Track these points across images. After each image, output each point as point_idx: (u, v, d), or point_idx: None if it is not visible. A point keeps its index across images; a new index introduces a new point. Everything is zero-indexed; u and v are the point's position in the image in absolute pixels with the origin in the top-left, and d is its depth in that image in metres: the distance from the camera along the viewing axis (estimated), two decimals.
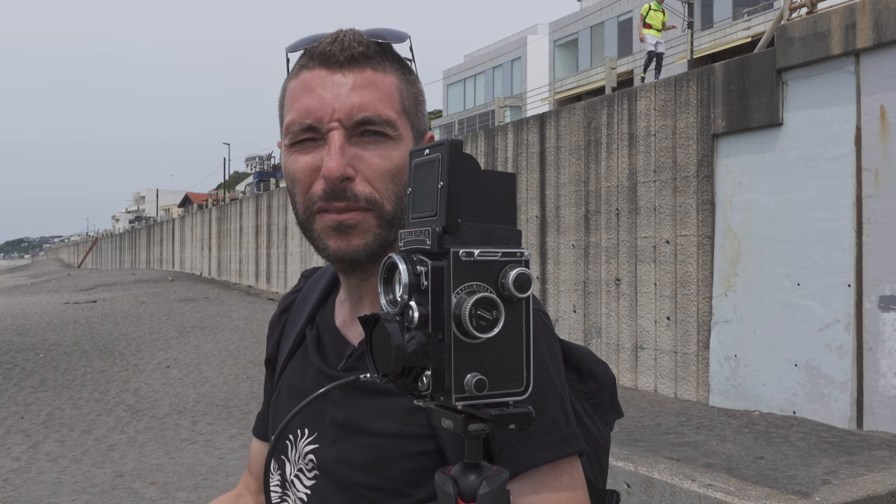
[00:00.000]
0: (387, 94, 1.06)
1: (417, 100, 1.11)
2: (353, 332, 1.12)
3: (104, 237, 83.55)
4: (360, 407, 1.04)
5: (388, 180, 1.05)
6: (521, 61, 37.39)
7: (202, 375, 12.68)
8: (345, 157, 1.03)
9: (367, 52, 1.06)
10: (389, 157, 1.05)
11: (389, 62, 1.08)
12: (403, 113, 1.07)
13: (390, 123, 1.05)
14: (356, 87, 1.04)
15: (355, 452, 1.02)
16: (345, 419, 1.05)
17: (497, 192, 0.80)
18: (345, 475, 1.03)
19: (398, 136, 1.06)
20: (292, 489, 1.11)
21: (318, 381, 1.11)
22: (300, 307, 1.27)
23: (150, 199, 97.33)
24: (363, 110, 1.03)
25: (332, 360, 1.13)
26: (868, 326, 8.53)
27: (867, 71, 8.64)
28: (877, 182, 8.55)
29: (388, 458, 0.99)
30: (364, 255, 1.05)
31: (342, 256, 1.06)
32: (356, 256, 1.05)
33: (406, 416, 0.99)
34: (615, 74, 15.15)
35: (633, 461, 5.36)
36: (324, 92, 1.05)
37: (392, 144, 1.05)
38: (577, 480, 0.98)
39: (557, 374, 1.00)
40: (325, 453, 1.06)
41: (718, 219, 10.27)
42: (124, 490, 7.21)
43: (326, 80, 1.05)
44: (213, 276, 38.04)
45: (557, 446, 0.95)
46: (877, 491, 5.22)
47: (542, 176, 13.73)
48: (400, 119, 1.06)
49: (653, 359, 11.20)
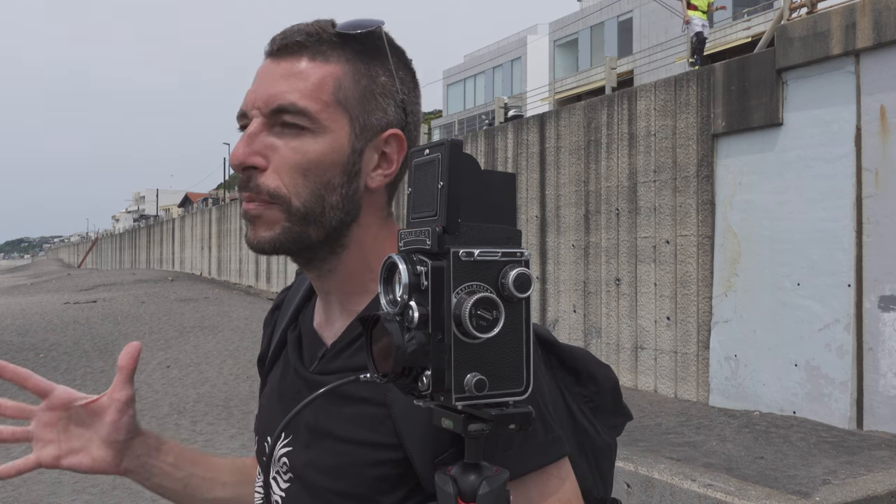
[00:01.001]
0: (314, 85, 1.02)
1: (369, 93, 1.04)
2: (329, 332, 1.10)
3: (104, 237, 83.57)
4: (330, 412, 1.02)
5: (299, 174, 1.01)
6: (521, 61, 37.39)
7: (202, 375, 12.69)
8: (254, 146, 1.01)
9: (305, 41, 1.03)
10: (303, 150, 1.01)
11: (336, 52, 1.04)
12: (337, 105, 1.02)
13: (307, 115, 1.01)
14: (281, 76, 1.02)
15: (325, 457, 1.01)
16: (315, 423, 1.03)
17: (497, 192, 0.80)
18: (315, 480, 1.02)
19: (318, 129, 1.01)
20: (271, 491, 1.10)
21: (295, 383, 1.10)
22: (287, 306, 1.26)
23: (150, 199, 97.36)
24: (278, 99, 1.01)
25: (307, 360, 1.11)
26: (868, 326, 8.53)
27: (867, 71, 8.64)
28: (877, 182, 8.55)
29: (356, 464, 0.98)
30: (270, 247, 1.03)
31: (251, 246, 1.05)
32: (261, 248, 1.03)
33: (373, 423, 0.97)
34: (615, 74, 15.16)
35: (633, 461, 5.36)
36: (258, 80, 1.05)
37: (309, 137, 1.01)
38: (565, 481, 0.96)
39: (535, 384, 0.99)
40: (297, 457, 1.05)
41: (718, 219, 10.27)
42: (124, 490, 7.21)
43: (264, 68, 1.05)
44: (213, 276, 38.04)
45: (538, 456, 0.93)
46: (877, 491, 5.22)
47: (542, 176, 13.73)
48: (326, 111, 1.01)
49: (653, 359, 11.20)
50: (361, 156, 1.03)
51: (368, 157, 1.04)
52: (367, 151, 1.04)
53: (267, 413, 1.17)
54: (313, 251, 1.05)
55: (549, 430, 0.95)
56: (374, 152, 1.05)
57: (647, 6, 28.01)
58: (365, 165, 1.04)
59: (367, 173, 1.04)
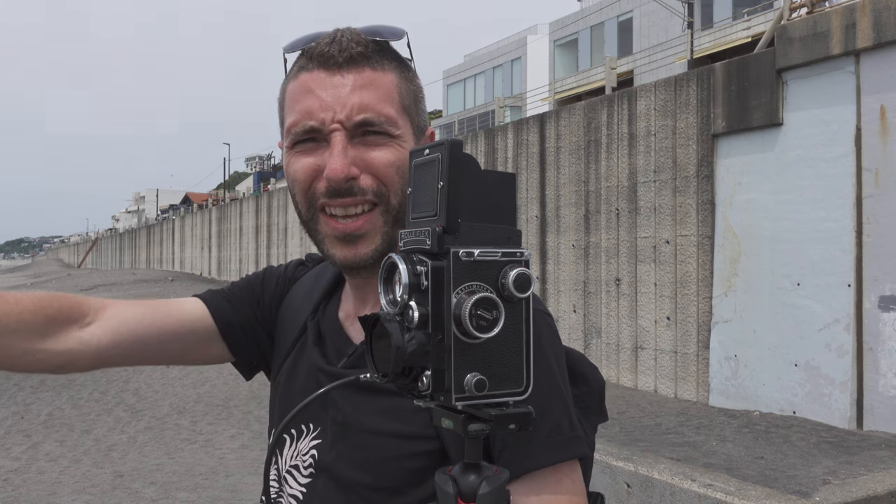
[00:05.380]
0: (386, 93, 1.05)
1: (416, 97, 1.10)
2: (356, 327, 1.11)
3: (104, 237, 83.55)
4: (360, 406, 1.03)
5: (395, 173, 1.05)
6: (521, 61, 37.39)
7: (202, 375, 12.68)
8: (347, 158, 1.03)
9: (365, 51, 1.06)
10: (391, 153, 1.05)
11: (388, 60, 1.08)
12: (403, 111, 1.07)
13: (391, 122, 1.05)
14: (356, 88, 1.04)
15: (355, 451, 1.02)
16: (345, 418, 1.04)
17: (497, 192, 0.80)
18: (344, 474, 1.02)
19: (399, 134, 1.06)
20: (286, 485, 1.10)
21: (316, 378, 1.10)
22: (304, 290, 1.26)
23: (150, 199, 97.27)
24: (364, 111, 1.03)
25: (332, 356, 1.12)
26: (868, 326, 8.53)
27: (867, 71, 8.64)
28: (877, 182, 8.55)
29: (389, 457, 0.99)
30: (372, 260, 1.05)
31: (350, 265, 1.07)
32: (364, 264, 1.06)
33: (408, 415, 0.98)
34: (615, 74, 15.16)
35: (633, 461, 5.36)
36: (324, 94, 1.04)
37: (392, 142, 1.05)
38: (577, 485, 0.98)
39: (562, 378, 1.00)
40: (325, 451, 1.06)
41: (718, 219, 10.27)
42: (124, 490, 7.20)
43: (326, 81, 1.05)
44: (213, 276, 38.02)
45: (560, 450, 0.95)
46: (877, 491, 5.21)
47: (542, 176, 13.72)
48: (400, 117, 1.06)
49: (653, 359, 11.20)
50: None
51: None
52: None
53: (288, 408, 1.17)
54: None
55: (574, 427, 0.98)
56: None
57: (647, 6, 28.01)
58: None
59: None
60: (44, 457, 8.47)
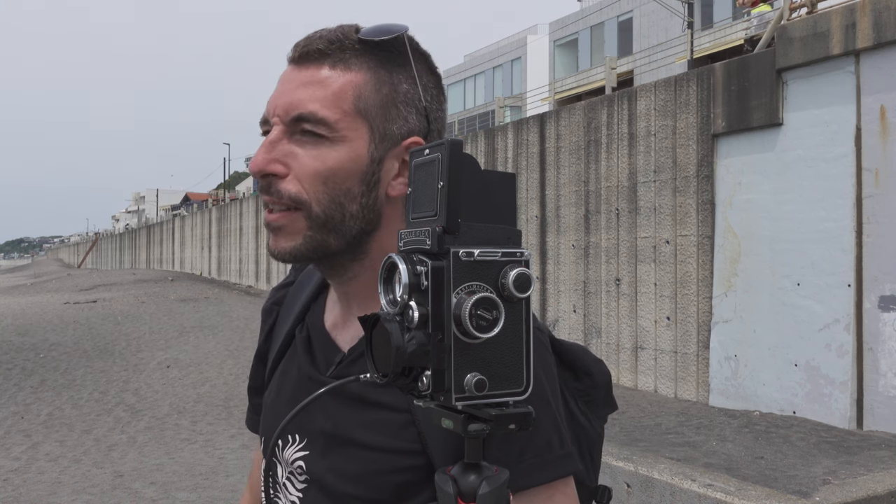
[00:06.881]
0: (335, 93, 1.01)
1: (391, 102, 1.04)
2: (344, 335, 1.10)
3: (104, 237, 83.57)
4: (349, 418, 1.02)
5: (319, 182, 1.01)
6: (521, 61, 37.41)
7: (202, 375, 12.69)
8: (274, 153, 1.02)
9: (326, 49, 1.03)
10: (322, 158, 1.01)
11: (361, 60, 1.03)
12: (357, 114, 1.02)
13: (326, 123, 1.01)
14: (302, 84, 1.02)
15: (346, 464, 1.01)
16: (334, 429, 1.03)
17: (497, 191, 0.80)
18: (336, 486, 1.02)
19: (337, 138, 1.01)
20: (284, 492, 1.10)
21: (306, 387, 1.08)
22: (291, 303, 1.24)
23: (150, 199, 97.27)
24: (297, 108, 1.01)
25: (321, 364, 1.11)
26: (868, 326, 8.53)
27: (867, 71, 8.64)
28: (877, 182, 8.55)
29: (378, 471, 0.98)
30: (291, 256, 1.03)
31: (273, 255, 1.06)
32: (283, 257, 1.04)
33: (396, 430, 0.97)
34: (615, 74, 15.17)
35: (633, 461, 5.36)
36: (280, 87, 1.05)
37: (328, 146, 1.01)
38: (570, 499, 0.98)
39: (552, 394, 0.99)
40: (315, 463, 1.05)
41: (718, 219, 10.27)
42: (124, 490, 7.21)
43: (287, 76, 1.06)
44: (213, 276, 38.03)
45: (551, 468, 0.94)
46: (877, 491, 5.21)
47: (542, 176, 13.73)
48: (345, 120, 1.01)
49: (653, 359, 11.20)
50: (381, 165, 1.03)
51: (389, 165, 1.04)
52: (388, 160, 1.04)
53: (276, 416, 1.16)
54: (334, 259, 1.05)
55: (564, 445, 0.97)
56: (395, 161, 1.05)
57: (647, 6, 28.02)
58: (385, 174, 1.04)
59: (388, 182, 1.04)
60: (44, 457, 8.47)
